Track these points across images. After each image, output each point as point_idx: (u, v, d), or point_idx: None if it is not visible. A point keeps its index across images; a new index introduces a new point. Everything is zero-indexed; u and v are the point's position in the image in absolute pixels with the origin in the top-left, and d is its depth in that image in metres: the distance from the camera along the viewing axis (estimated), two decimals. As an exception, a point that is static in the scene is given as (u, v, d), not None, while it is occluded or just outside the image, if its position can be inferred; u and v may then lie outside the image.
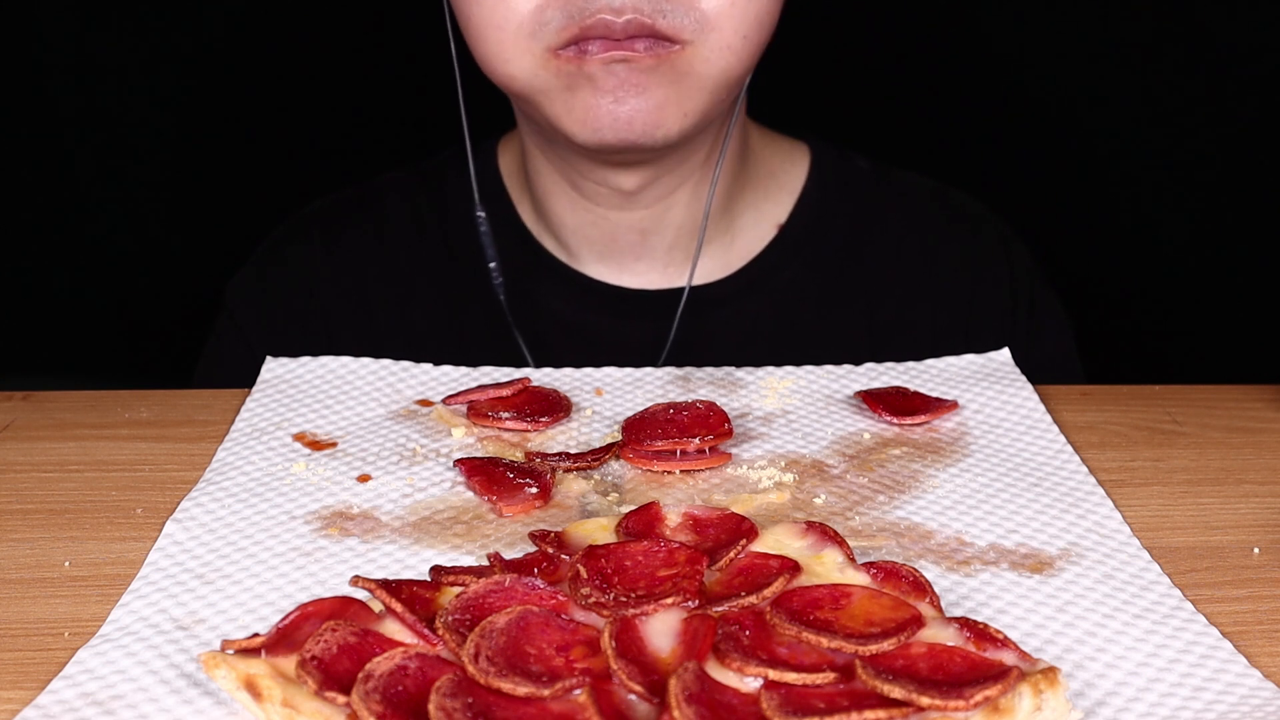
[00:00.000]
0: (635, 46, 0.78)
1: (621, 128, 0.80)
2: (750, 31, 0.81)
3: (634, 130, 0.81)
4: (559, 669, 0.47)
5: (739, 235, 0.97)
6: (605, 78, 0.79)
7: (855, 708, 0.44)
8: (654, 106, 0.80)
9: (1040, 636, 0.54)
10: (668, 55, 0.79)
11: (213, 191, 1.38)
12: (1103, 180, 1.35)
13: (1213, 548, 0.62)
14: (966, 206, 1.03)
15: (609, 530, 0.59)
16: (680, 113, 0.82)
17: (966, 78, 1.34)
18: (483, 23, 0.81)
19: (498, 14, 0.80)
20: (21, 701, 0.49)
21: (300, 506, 0.64)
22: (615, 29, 0.77)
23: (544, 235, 0.97)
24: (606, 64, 0.79)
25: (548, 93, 0.82)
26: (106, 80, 1.33)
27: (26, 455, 0.71)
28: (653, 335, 0.93)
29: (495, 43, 0.81)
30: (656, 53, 0.79)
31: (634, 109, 0.80)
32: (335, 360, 0.81)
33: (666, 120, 0.81)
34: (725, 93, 0.84)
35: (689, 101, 0.82)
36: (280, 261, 1.01)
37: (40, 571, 0.59)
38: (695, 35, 0.79)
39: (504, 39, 0.80)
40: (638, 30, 0.77)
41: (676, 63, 0.80)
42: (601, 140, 0.81)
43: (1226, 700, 0.49)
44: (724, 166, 0.92)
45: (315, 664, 0.47)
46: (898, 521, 0.63)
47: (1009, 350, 0.84)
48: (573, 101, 0.81)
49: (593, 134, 0.81)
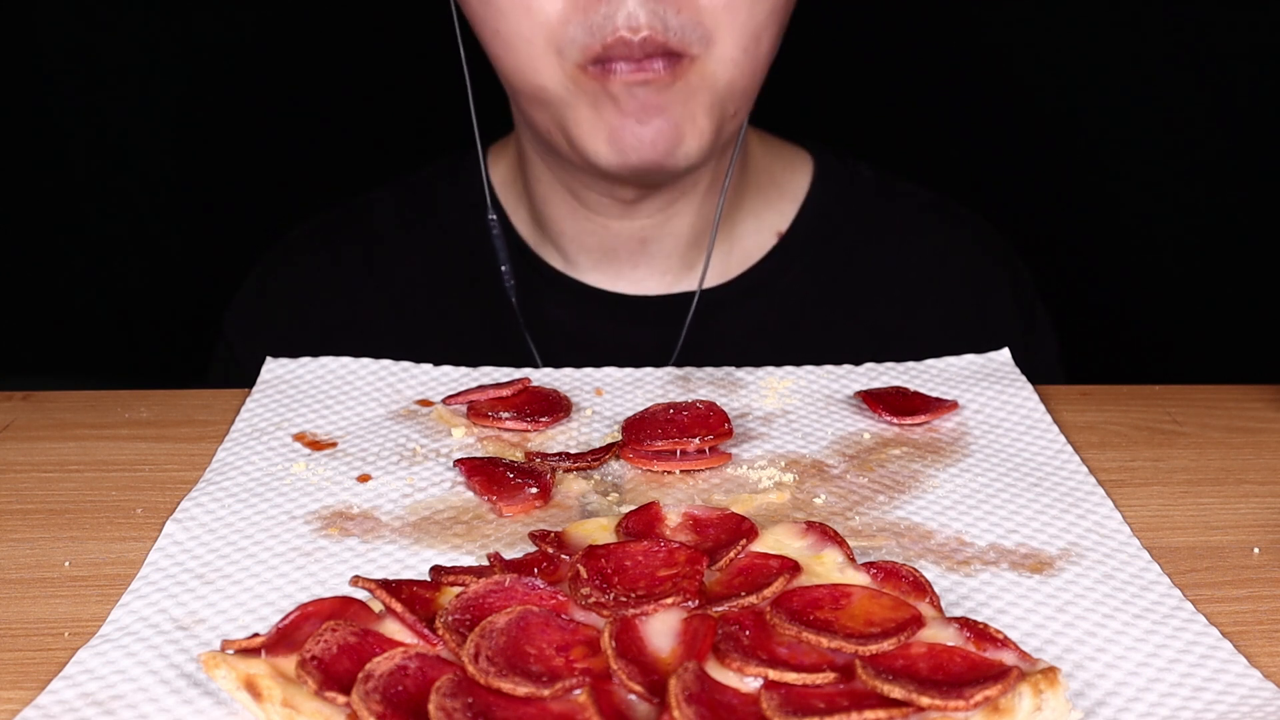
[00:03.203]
0: (654, 65, 0.78)
1: (645, 149, 0.81)
2: (749, 44, 0.81)
3: (657, 151, 0.81)
4: (559, 669, 0.47)
5: (738, 242, 0.97)
6: (628, 99, 0.79)
7: (855, 708, 0.44)
8: (673, 125, 0.81)
9: (1040, 636, 0.54)
10: (681, 71, 0.79)
11: (213, 191, 1.38)
12: (1103, 180, 1.35)
13: (1213, 548, 0.62)
14: (969, 218, 1.03)
15: (609, 530, 0.59)
16: (697, 130, 0.82)
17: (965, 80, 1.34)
18: (511, 34, 0.81)
19: (525, 26, 0.80)
20: (21, 701, 0.49)
21: (300, 506, 0.64)
22: (634, 47, 0.77)
23: (541, 244, 0.97)
24: (629, 86, 0.79)
25: (575, 109, 0.81)
26: (107, 80, 1.33)
27: (26, 455, 0.71)
28: (653, 341, 0.93)
29: (526, 55, 0.81)
30: (673, 71, 0.79)
31: (657, 130, 0.80)
32: (335, 360, 0.81)
33: (686, 139, 0.81)
34: (733, 107, 0.84)
35: (704, 118, 0.82)
36: (274, 285, 1.01)
37: (40, 571, 0.59)
38: (701, 49, 0.79)
39: (534, 52, 0.80)
40: (653, 48, 0.78)
41: (689, 78, 0.80)
42: (625, 163, 0.82)
43: (1226, 700, 0.49)
44: (731, 176, 0.92)
45: (315, 664, 0.47)
46: (898, 521, 0.63)
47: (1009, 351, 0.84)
48: (598, 121, 0.81)
49: (618, 156, 0.81)
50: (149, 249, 1.39)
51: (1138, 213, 1.35)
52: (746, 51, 0.81)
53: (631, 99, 0.79)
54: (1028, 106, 1.34)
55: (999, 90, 1.34)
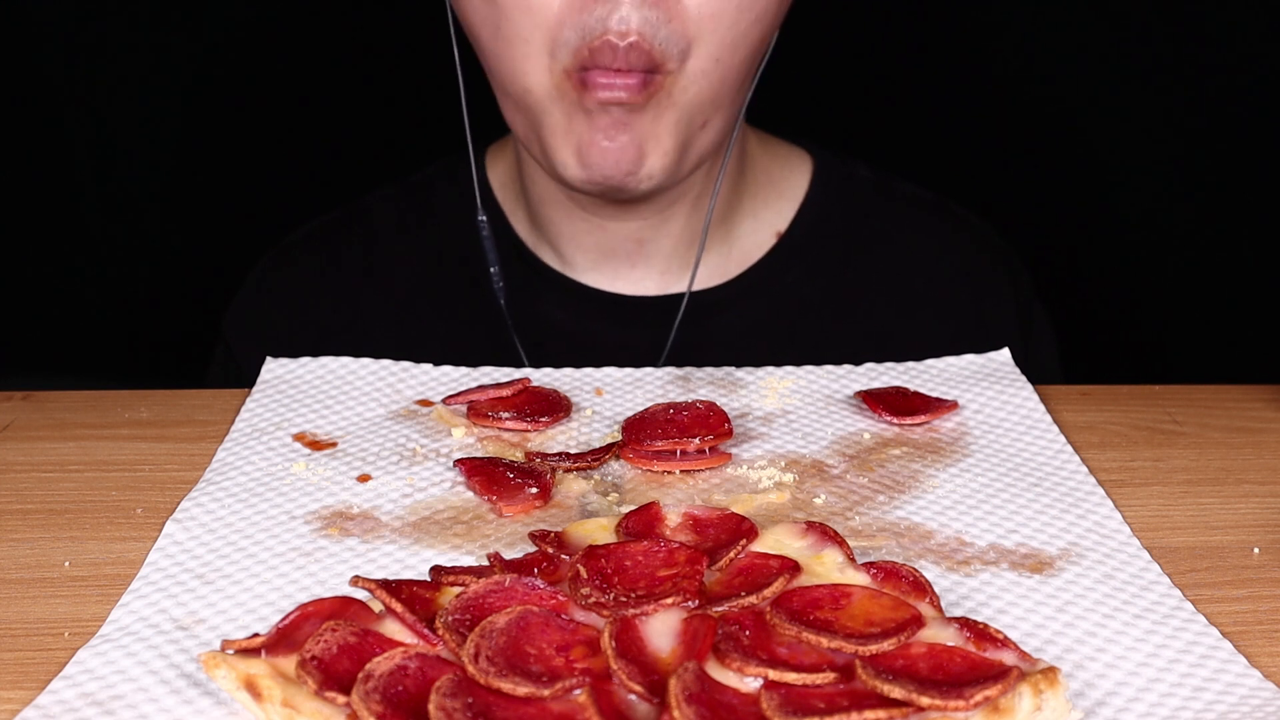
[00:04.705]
0: (629, 80, 0.79)
1: (610, 165, 0.82)
2: (723, 54, 0.81)
3: (620, 168, 0.82)
4: (559, 669, 0.47)
5: (737, 242, 0.97)
6: (600, 115, 0.81)
7: (855, 708, 0.44)
8: (636, 144, 0.81)
9: (1040, 636, 0.54)
10: (653, 89, 0.80)
11: (213, 192, 1.38)
12: (1102, 180, 1.35)
13: (1213, 548, 0.62)
14: (967, 219, 1.03)
15: (609, 530, 0.59)
16: (661, 150, 0.82)
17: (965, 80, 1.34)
18: (511, 33, 0.81)
19: (525, 25, 0.80)
20: (21, 701, 0.49)
21: (300, 506, 0.64)
22: (618, 55, 0.78)
23: (539, 245, 0.97)
24: (604, 105, 0.80)
25: (551, 115, 0.82)
26: (107, 80, 1.33)
27: (26, 455, 0.71)
28: (651, 341, 0.93)
29: (521, 55, 0.81)
30: (648, 90, 0.80)
31: (621, 146, 0.81)
32: (335, 360, 0.81)
33: (649, 158, 0.82)
34: (701, 118, 0.84)
35: (668, 137, 0.82)
36: (273, 288, 1.01)
37: (40, 571, 0.59)
38: (676, 64, 0.80)
39: (529, 51, 0.81)
40: (636, 59, 0.78)
41: (659, 97, 0.80)
42: (590, 177, 0.83)
43: (1226, 700, 0.49)
44: (723, 178, 0.92)
45: (315, 664, 0.47)
46: (898, 521, 0.63)
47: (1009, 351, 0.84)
48: (569, 133, 0.82)
49: (584, 170, 0.82)
50: (149, 249, 1.39)
51: (1137, 213, 1.35)
52: (719, 62, 0.81)
53: (604, 115, 0.80)
54: (1028, 106, 1.34)
55: (999, 90, 1.34)
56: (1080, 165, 1.35)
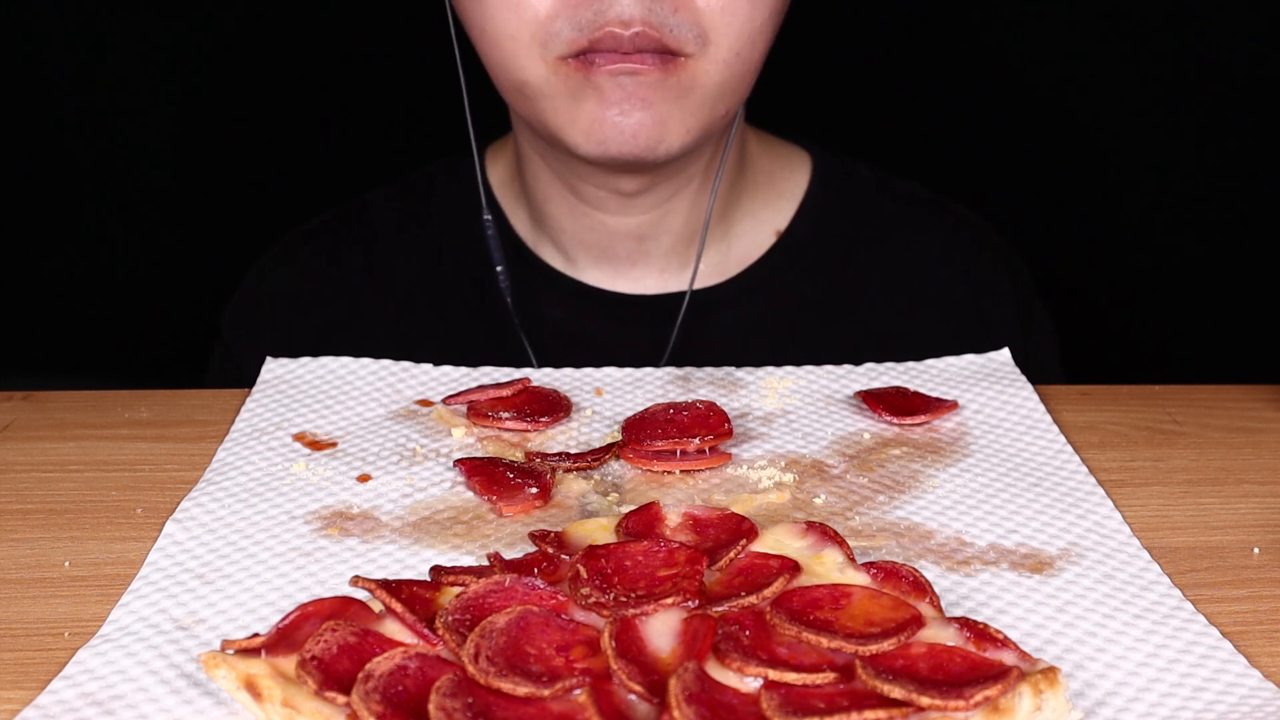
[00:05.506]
0: (643, 59, 0.78)
1: (626, 140, 0.81)
2: (743, 48, 0.82)
3: (638, 144, 0.81)
4: (559, 669, 0.47)
5: (736, 241, 0.97)
6: (612, 89, 0.80)
7: (855, 708, 0.44)
8: (657, 121, 0.81)
9: (1040, 636, 0.54)
10: (674, 70, 0.80)
11: (212, 191, 1.38)
12: (1103, 180, 1.35)
13: (1213, 548, 0.62)
14: (967, 218, 1.03)
15: (609, 530, 0.59)
16: (683, 129, 0.82)
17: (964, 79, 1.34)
18: (497, 31, 0.81)
19: (511, 23, 0.80)
20: (21, 701, 0.49)
21: (300, 506, 0.64)
22: (623, 41, 0.78)
23: (539, 243, 0.97)
24: (614, 75, 0.79)
25: (554, 100, 0.82)
26: (108, 79, 1.33)
27: (26, 455, 0.71)
28: (651, 340, 0.93)
29: (510, 52, 0.81)
30: (664, 67, 0.79)
31: (639, 122, 0.81)
32: (335, 360, 0.81)
33: (669, 135, 0.82)
34: (724, 107, 0.84)
35: (691, 118, 0.82)
36: (272, 286, 1.01)
37: (40, 571, 0.59)
38: (697, 49, 0.80)
39: (518, 48, 0.81)
40: (645, 43, 0.78)
41: (681, 76, 0.80)
42: (605, 153, 0.82)
43: (1226, 700, 0.49)
44: (722, 173, 0.92)
45: (315, 664, 0.47)
46: (898, 521, 0.63)
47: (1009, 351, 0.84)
48: (578, 112, 0.81)
49: (597, 146, 0.82)
50: (149, 249, 1.39)
51: (1137, 212, 1.35)
52: (740, 55, 0.82)
53: (617, 89, 0.80)
54: (1028, 106, 1.34)
55: (998, 90, 1.34)
56: (1081, 165, 1.35)
